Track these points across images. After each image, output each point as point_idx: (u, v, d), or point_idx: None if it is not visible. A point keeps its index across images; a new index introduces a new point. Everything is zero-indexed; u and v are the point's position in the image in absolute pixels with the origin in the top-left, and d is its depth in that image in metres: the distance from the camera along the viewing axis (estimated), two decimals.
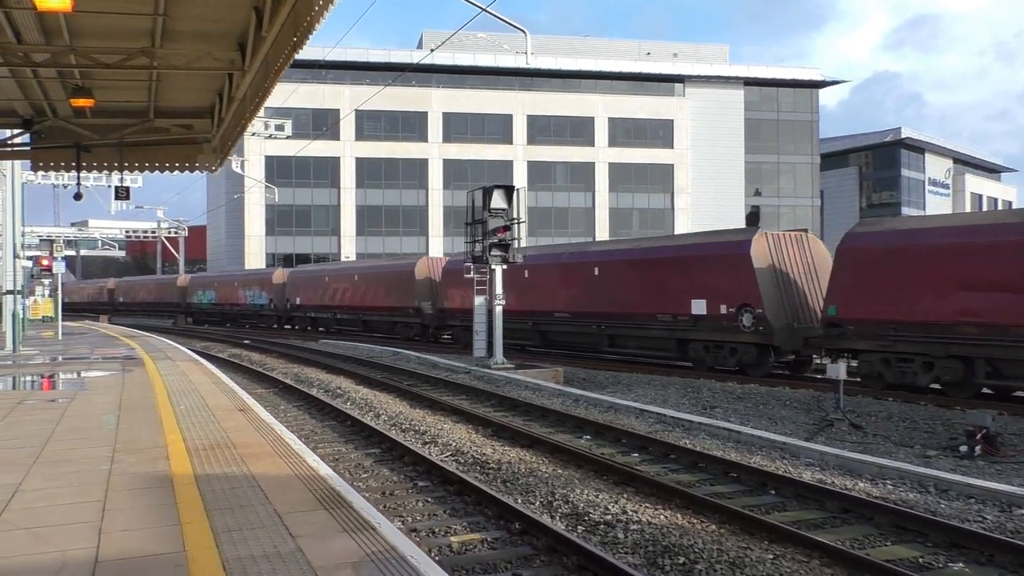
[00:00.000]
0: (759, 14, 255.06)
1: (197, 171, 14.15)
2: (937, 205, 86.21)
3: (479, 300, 23.07)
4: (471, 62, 66.57)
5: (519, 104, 67.55)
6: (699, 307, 21.53)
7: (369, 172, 65.61)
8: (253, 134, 20.71)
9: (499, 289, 21.84)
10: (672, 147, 69.95)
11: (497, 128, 67.52)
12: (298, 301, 44.56)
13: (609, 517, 8.12)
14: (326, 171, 65.01)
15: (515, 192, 21.77)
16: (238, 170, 34.03)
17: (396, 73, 57.67)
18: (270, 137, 21.32)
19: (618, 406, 15.42)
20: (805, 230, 26.35)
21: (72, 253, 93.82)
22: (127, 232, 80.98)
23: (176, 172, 13.99)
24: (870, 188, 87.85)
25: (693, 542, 7.17)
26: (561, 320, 26.69)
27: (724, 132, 71.12)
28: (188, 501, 5.52)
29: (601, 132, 68.79)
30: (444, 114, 66.48)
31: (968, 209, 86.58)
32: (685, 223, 67.75)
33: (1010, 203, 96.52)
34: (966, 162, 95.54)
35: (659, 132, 70.21)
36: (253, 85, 9.58)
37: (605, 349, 25.49)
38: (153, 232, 79.06)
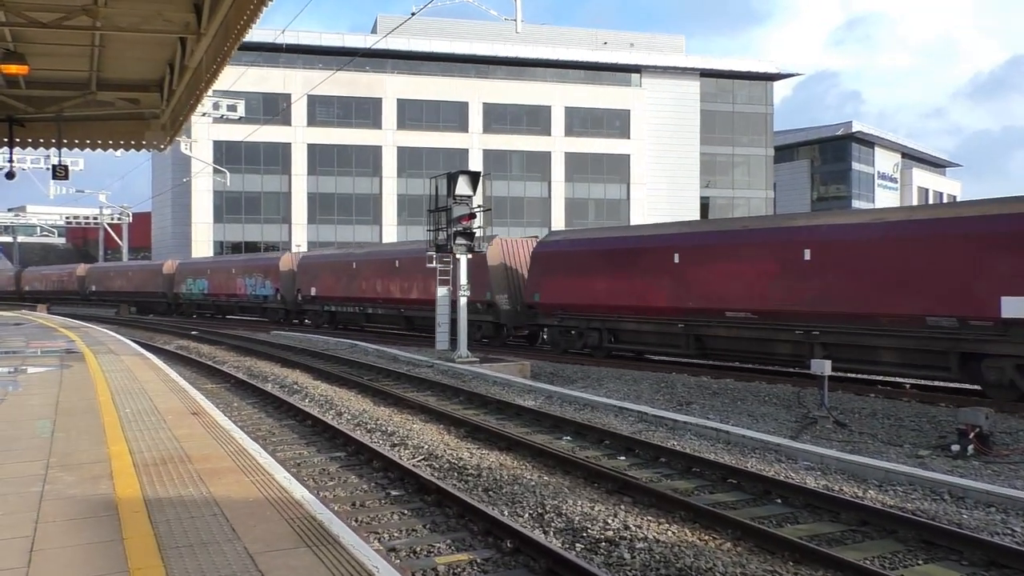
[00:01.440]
0: (705, 9, 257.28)
1: (144, 149, 12.98)
2: (886, 198, 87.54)
3: (442, 291, 22.16)
4: (427, 48, 65.33)
5: (475, 92, 66.51)
6: (1015, 307, 14.87)
7: (321, 159, 64.03)
8: (204, 114, 19.43)
9: (463, 279, 20.95)
10: (629, 137, 69.59)
11: (452, 116, 66.42)
12: (313, 292, 37.57)
13: (610, 533, 7.34)
14: (277, 157, 63.27)
15: (481, 178, 20.87)
16: (187, 152, 32.23)
17: (350, 58, 56.23)
18: (221, 118, 19.97)
19: (595, 403, 14.69)
20: None
21: (8, 240, 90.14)
22: (67, 218, 77.89)
23: (121, 151, 12.83)
24: (820, 181, 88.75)
25: (711, 564, 6.42)
26: (738, 323, 19.34)
27: (680, 123, 71.00)
28: (137, 537, 4.53)
29: (557, 121, 68.12)
30: (399, 100, 65.18)
31: (915, 202, 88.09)
32: (641, 214, 67.50)
33: (954, 197, 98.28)
34: (914, 157, 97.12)
35: (615, 122, 69.80)
36: (210, 52, 8.56)
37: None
38: (95, 218, 76.17)
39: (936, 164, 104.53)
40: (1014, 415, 13.92)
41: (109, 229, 75.31)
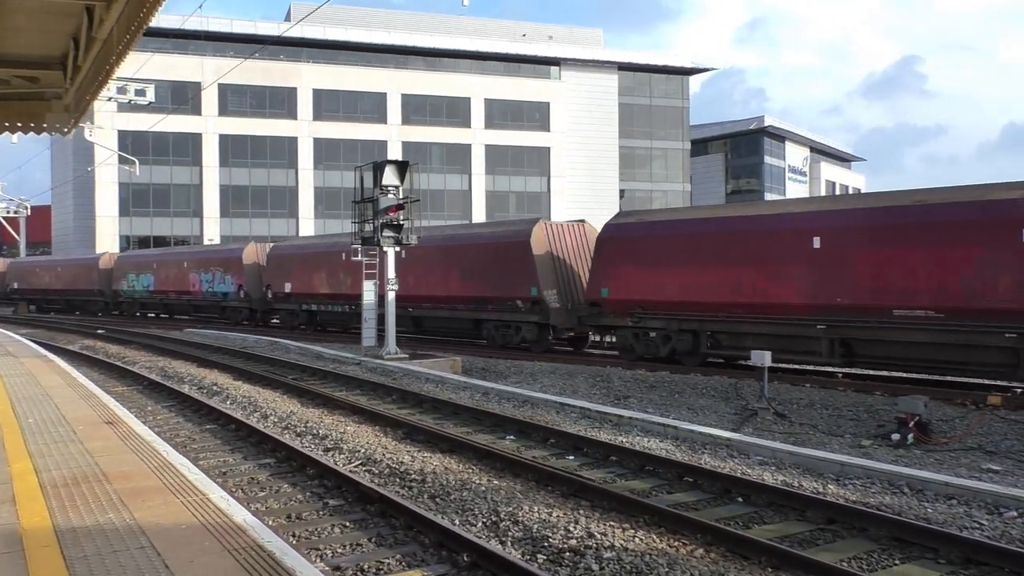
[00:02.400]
0: (619, 5, 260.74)
1: (46, 133, 11.87)
2: (796, 191, 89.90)
3: (368, 285, 21.35)
4: (343, 37, 63.80)
5: (393, 82, 65.30)
6: None
7: (234, 150, 61.83)
8: (110, 99, 17.98)
9: (391, 273, 20.21)
10: (549, 130, 69.48)
11: (371, 107, 65.06)
12: (287, 288, 31.94)
13: (573, 542, 6.86)
14: (187, 148, 60.82)
15: (409, 168, 20.15)
16: (90, 138, 30.15)
17: (263, 46, 54.34)
18: (129, 103, 18.55)
19: (534, 400, 14.22)
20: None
21: None
22: None
23: (18, 134, 11.69)
24: (733, 174, 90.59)
25: (688, 574, 6.00)
26: (913, 324, 15.43)
27: (599, 116, 71.29)
28: None
29: (477, 113, 67.49)
30: (315, 91, 63.48)
31: (823, 194, 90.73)
32: (561, 207, 67.49)
33: (859, 189, 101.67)
34: (821, 151, 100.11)
35: (535, 115, 69.59)
36: (122, 21, 7.69)
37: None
38: None
39: (842, 158, 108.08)
40: (948, 403, 14.04)
41: (5, 223, 71.21)
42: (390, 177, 19.76)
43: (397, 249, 20.27)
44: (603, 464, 9.95)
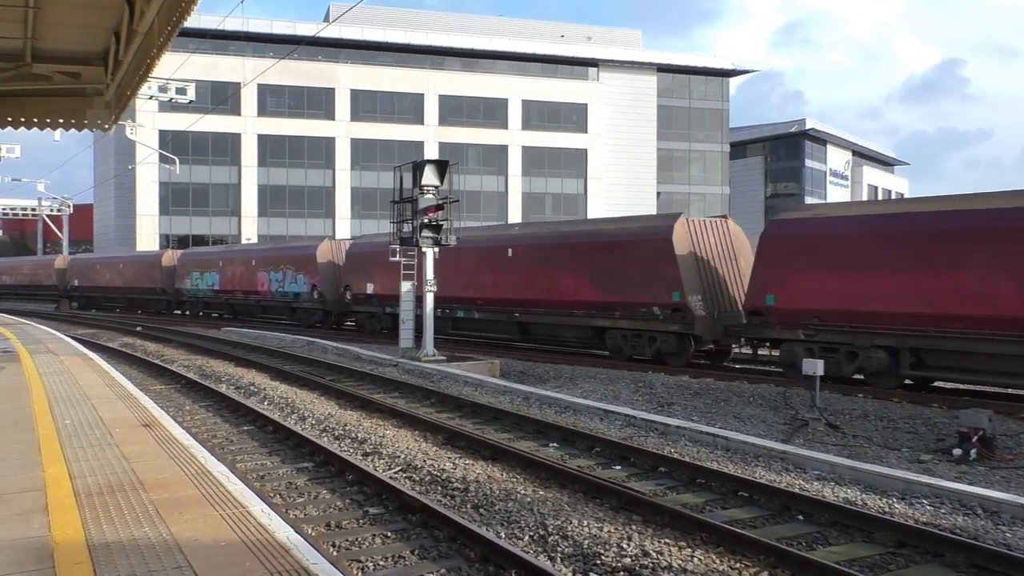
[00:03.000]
0: (655, 8, 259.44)
1: (87, 130, 11.74)
2: (837, 196, 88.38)
3: (406, 286, 21.11)
4: (381, 38, 63.90)
5: (431, 83, 65.26)
6: None
7: (272, 150, 62.21)
8: (151, 98, 17.98)
9: (430, 274, 19.95)
10: (586, 131, 69.00)
11: (408, 107, 65.08)
12: (370, 289, 29.13)
13: (628, 560, 6.49)
14: (226, 148, 61.31)
15: (448, 168, 19.88)
16: (132, 136, 30.26)
17: (302, 46, 54.59)
18: (170, 102, 18.50)
19: (577, 406, 13.84)
20: None
21: None
22: (3, 209, 74.58)
23: (60, 131, 11.58)
24: (772, 177, 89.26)
25: None
26: None
27: (637, 118, 70.65)
28: None
29: (514, 114, 67.21)
30: (352, 91, 63.64)
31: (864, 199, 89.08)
32: (598, 209, 66.95)
33: (902, 194, 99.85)
34: (863, 155, 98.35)
35: (573, 116, 69.15)
36: (163, 12, 7.48)
37: None
38: (33, 210, 73.05)
39: (884, 162, 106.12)
40: (1012, 416, 13.42)
41: (48, 221, 72.39)
42: (430, 177, 19.50)
43: (436, 250, 20.01)
44: (652, 475, 9.56)
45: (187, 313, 44.00)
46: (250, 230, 61.62)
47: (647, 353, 20.42)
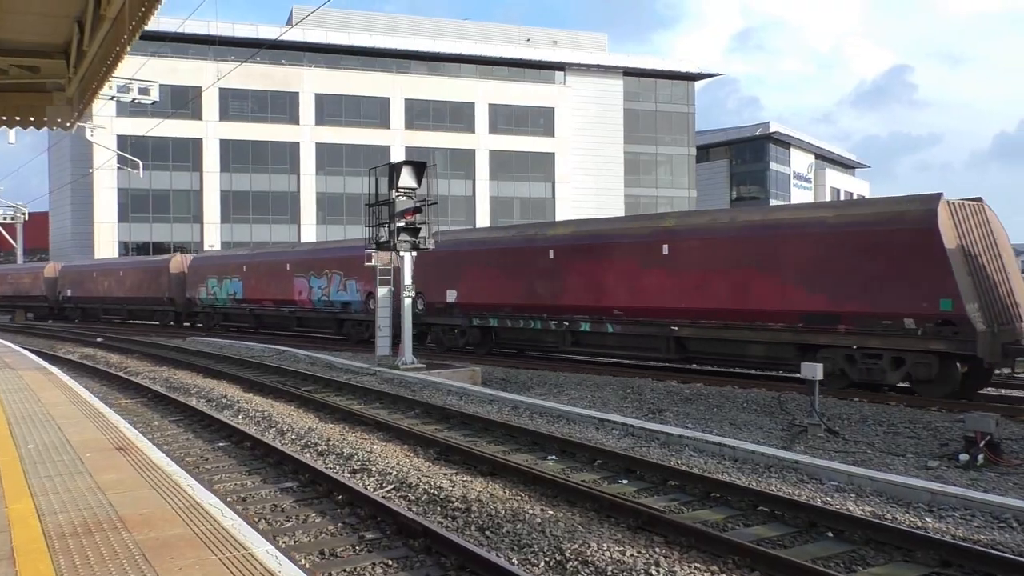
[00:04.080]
0: (615, 13, 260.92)
1: (46, 128, 10.94)
2: (800, 198, 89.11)
3: (383, 291, 20.43)
4: (345, 41, 63.01)
5: (396, 87, 64.53)
6: None
7: (235, 155, 61.00)
8: (112, 98, 17.10)
9: (408, 279, 19.29)
10: (553, 135, 68.73)
11: (373, 111, 64.26)
12: (451, 297, 24.47)
13: None
14: (187, 153, 59.97)
15: (426, 170, 19.25)
16: (91, 137, 28.97)
17: (264, 50, 53.53)
18: (132, 102, 17.58)
19: (570, 415, 13.28)
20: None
21: None
22: None
23: (16, 128, 10.78)
24: (738, 181, 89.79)
25: None
26: None
27: (604, 121, 70.57)
28: None
29: (481, 118, 66.72)
30: (317, 95, 62.70)
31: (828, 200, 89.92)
32: (566, 213, 66.61)
33: (862, 196, 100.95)
34: (826, 158, 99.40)
35: (540, 120, 68.83)
36: None
37: None
38: None
39: (846, 165, 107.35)
40: (1013, 420, 13.12)
41: (1, 230, 70.17)
42: (407, 179, 18.87)
43: (414, 254, 19.36)
44: (662, 489, 9.02)
45: (199, 325, 39.42)
46: (213, 237, 60.30)
47: (889, 378, 15.66)
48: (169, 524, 4.80)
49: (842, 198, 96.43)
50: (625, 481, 9.38)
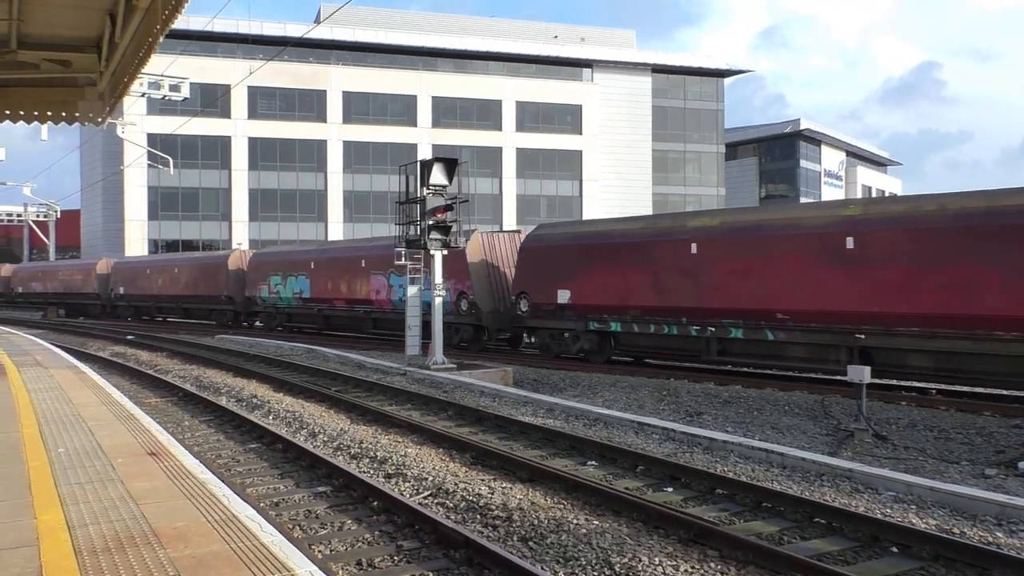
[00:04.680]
0: (640, 10, 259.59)
1: (78, 123, 10.77)
2: (832, 196, 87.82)
3: (412, 290, 20.18)
4: (372, 39, 62.96)
5: (424, 85, 64.36)
6: None
7: (263, 153, 61.14)
8: (143, 95, 16.97)
9: (439, 278, 19.01)
10: (581, 133, 68.23)
11: (400, 109, 64.15)
12: (564, 298, 21.54)
13: None
14: (216, 151, 60.19)
15: (457, 167, 18.96)
16: (122, 134, 28.81)
17: (293, 48, 53.57)
18: (163, 99, 17.46)
19: (607, 418, 12.92)
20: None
21: None
22: None
23: (48, 123, 10.62)
24: (767, 178, 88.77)
25: None
26: None
27: (632, 118, 69.97)
28: None
29: (508, 116, 66.38)
30: (344, 93, 62.66)
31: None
32: (593, 211, 66.14)
33: (895, 193, 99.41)
34: (857, 155, 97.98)
35: (567, 118, 68.36)
36: None
37: None
38: (18, 216, 71.60)
39: (878, 162, 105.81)
40: None
41: (35, 227, 70.98)
42: (438, 176, 18.58)
43: (445, 252, 19.08)
44: (709, 498, 8.65)
45: (258, 324, 37.63)
46: (241, 235, 60.53)
47: None
48: (205, 539, 4.51)
49: (874, 195, 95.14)
50: (670, 489, 9.01)
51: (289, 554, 4.29)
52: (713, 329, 18.23)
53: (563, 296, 21.60)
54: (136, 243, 58.87)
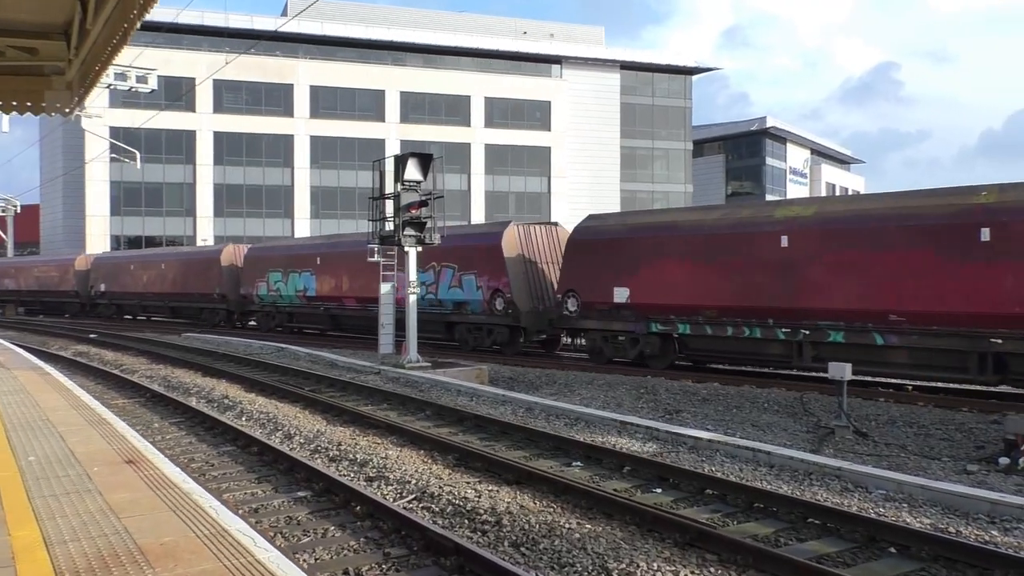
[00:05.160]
0: (607, 7, 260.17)
1: (44, 114, 10.35)
2: (797, 193, 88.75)
3: (385, 288, 19.88)
4: (341, 33, 62.26)
5: (392, 80, 63.82)
6: None
7: (229, 148, 60.20)
8: (109, 86, 16.36)
9: (412, 275, 18.74)
10: (550, 129, 68.11)
11: (368, 104, 63.55)
12: (622, 297, 19.40)
13: None
14: (180, 146, 59.14)
15: (432, 163, 18.69)
16: (86, 126, 27.83)
17: (258, 41, 52.71)
18: (130, 90, 16.90)
19: (588, 417, 12.77)
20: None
21: None
22: None
23: (13, 113, 10.19)
24: (733, 176, 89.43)
25: None
26: None
27: (601, 115, 70.03)
28: None
29: (477, 112, 66.06)
30: (312, 87, 61.92)
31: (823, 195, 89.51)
32: (562, 208, 66.09)
33: (858, 191, 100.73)
34: (822, 153, 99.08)
35: (536, 114, 68.21)
36: None
37: None
38: None
39: (842, 160, 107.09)
40: None
41: None
42: (412, 172, 18.30)
43: (419, 249, 18.80)
44: (700, 499, 8.52)
45: (251, 324, 35.50)
46: (206, 231, 59.59)
47: None
48: (196, 557, 4.24)
49: (838, 192, 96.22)
50: (659, 490, 8.87)
51: (286, 570, 4.04)
52: (807, 332, 16.18)
53: (621, 295, 19.46)
54: (98, 239, 57.66)
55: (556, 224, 24.17)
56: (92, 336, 30.31)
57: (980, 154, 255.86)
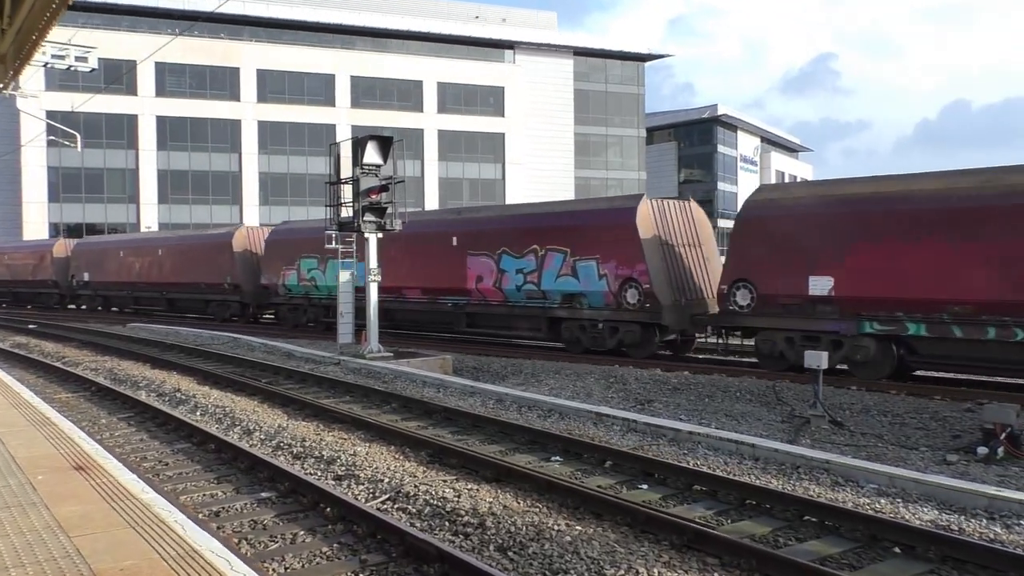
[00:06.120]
0: None
1: None
2: (747, 181, 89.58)
3: (344, 276, 19.22)
4: (288, 15, 60.73)
5: (342, 63, 62.56)
6: None
7: (173, 132, 58.41)
8: (46, 65, 15.34)
9: (373, 263, 18.11)
10: (503, 115, 67.51)
11: (318, 89, 62.22)
12: (822, 289, 15.48)
13: None
14: (122, 130, 57.20)
15: (392, 146, 18.05)
16: (21, 106, 26.32)
17: (203, 24, 51.12)
18: (69, 69, 15.89)
19: (562, 409, 12.36)
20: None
21: None
22: None
23: None
24: (685, 163, 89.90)
25: None
26: None
27: (555, 102, 69.65)
28: None
29: (430, 97, 65.17)
30: (259, 71, 60.39)
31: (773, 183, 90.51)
32: (516, 195, 65.62)
33: (804, 178, 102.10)
34: (771, 141, 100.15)
35: (490, 99, 67.55)
36: None
37: None
38: None
39: (790, 148, 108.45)
40: None
41: None
42: (372, 155, 17.65)
43: (380, 235, 18.18)
44: (689, 496, 8.16)
45: (267, 318, 31.51)
46: (150, 217, 57.81)
47: None
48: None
49: (787, 180, 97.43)
50: (645, 486, 8.49)
51: None
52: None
53: (818, 286, 15.63)
54: (36, 226, 55.58)
55: (689, 199, 20.87)
56: (31, 327, 29.01)
57: (916, 143, 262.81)
